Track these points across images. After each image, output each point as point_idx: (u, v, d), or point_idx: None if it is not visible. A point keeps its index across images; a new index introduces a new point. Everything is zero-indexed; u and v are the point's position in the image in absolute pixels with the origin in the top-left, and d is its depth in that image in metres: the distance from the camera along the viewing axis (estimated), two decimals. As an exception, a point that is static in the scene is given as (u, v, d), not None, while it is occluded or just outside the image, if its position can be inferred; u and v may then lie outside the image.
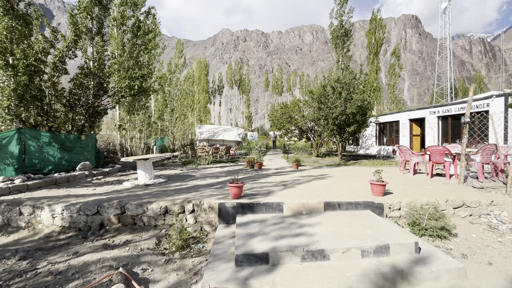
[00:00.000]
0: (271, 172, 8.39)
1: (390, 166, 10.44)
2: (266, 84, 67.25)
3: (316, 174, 7.69)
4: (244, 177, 7.26)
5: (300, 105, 16.17)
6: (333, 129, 12.27)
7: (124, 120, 13.17)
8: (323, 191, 5.05)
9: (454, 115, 12.87)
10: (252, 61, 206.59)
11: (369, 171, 8.27)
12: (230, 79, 63.02)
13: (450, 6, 55.10)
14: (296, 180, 6.46)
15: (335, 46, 18.74)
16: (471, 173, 6.97)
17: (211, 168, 10.09)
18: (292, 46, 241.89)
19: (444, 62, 58.27)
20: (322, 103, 12.33)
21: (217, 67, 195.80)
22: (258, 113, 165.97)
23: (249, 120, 62.57)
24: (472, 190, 5.08)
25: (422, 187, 5.40)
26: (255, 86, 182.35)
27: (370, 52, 29.78)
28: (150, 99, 16.00)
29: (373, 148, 19.03)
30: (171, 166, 11.34)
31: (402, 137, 16.15)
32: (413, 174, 7.16)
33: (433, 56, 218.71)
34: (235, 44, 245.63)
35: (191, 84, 35.92)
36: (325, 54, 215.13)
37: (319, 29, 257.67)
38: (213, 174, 8.13)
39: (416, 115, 15.14)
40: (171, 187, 5.91)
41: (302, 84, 69.85)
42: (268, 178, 6.92)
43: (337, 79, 12.09)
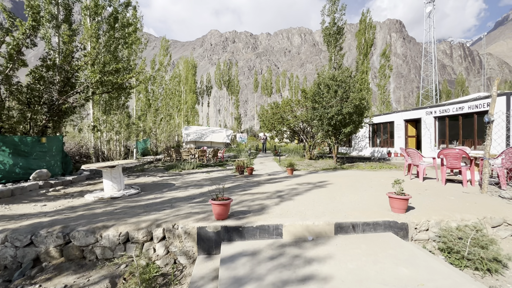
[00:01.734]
0: (263, 178, 7.42)
1: (389, 169, 9.71)
2: (255, 85, 66.45)
3: (314, 181, 6.79)
4: (232, 185, 6.25)
5: (292, 105, 15.33)
6: (328, 130, 11.46)
7: (99, 120, 11.85)
8: (329, 206, 4.12)
9: (452, 115, 12.37)
10: (241, 62, 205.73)
11: (371, 177, 7.46)
12: (219, 79, 61.83)
13: (434, 10, 56.19)
14: (294, 190, 5.52)
15: (328, 44, 18.10)
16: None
17: (195, 174, 9.01)
18: (281, 48, 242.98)
19: (428, 65, 59.48)
20: (317, 102, 11.50)
21: (205, 68, 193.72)
22: (248, 114, 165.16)
23: (238, 121, 61.58)
24: (503, 202, 4.29)
25: (443, 198, 4.58)
26: (244, 88, 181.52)
27: (360, 53, 29.48)
28: (131, 98, 14.70)
29: (367, 149, 18.45)
30: (151, 172, 10.16)
31: (397, 138, 15.61)
32: (422, 180, 6.38)
33: (417, 60, 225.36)
34: (224, 46, 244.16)
35: (178, 84, 34.53)
36: (313, 56, 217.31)
37: (307, 31, 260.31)
38: (197, 181, 7.07)
39: (412, 115, 14.61)
40: (142, 201, 4.82)
41: (291, 85, 69.51)
42: (260, 187, 5.94)
43: (332, 76, 11.30)
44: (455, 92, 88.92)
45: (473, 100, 11.36)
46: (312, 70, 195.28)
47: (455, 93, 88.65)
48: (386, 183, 6.34)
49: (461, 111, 11.84)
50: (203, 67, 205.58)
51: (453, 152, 5.52)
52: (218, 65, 62.43)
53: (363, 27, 29.88)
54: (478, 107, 11.10)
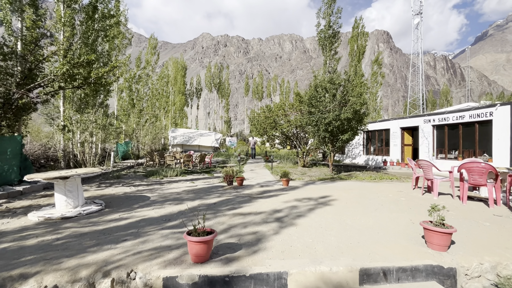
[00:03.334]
0: (256, 191, 6.44)
1: (391, 181, 8.96)
2: (246, 88, 65.79)
3: (314, 195, 5.87)
4: (219, 201, 5.23)
5: (286, 109, 14.50)
6: (324, 137, 10.65)
7: (71, 119, 10.54)
8: (342, 235, 3.20)
9: (452, 124, 11.87)
10: (232, 66, 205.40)
11: (375, 190, 6.63)
12: (209, 82, 60.75)
13: (422, 22, 57.57)
14: (294, 209, 4.57)
15: (322, 47, 17.53)
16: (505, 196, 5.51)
17: (178, 183, 7.91)
18: (272, 53, 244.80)
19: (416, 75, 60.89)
20: (313, 106, 10.69)
21: (196, 70, 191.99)
22: (238, 118, 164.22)
23: (228, 125, 60.57)
24: (551, 230, 3.51)
25: (477, 225, 3.75)
26: (235, 92, 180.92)
27: (352, 60, 29.34)
28: (110, 97, 13.43)
29: (360, 157, 17.84)
30: (128, 179, 8.97)
31: (393, 147, 15.05)
32: (437, 197, 5.59)
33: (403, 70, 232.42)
34: (216, 49, 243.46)
35: (166, 84, 33.18)
36: (304, 63, 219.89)
37: (298, 38, 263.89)
38: (178, 194, 5.99)
39: (409, 123, 14.09)
40: (101, 223, 3.73)
41: (282, 91, 69.26)
42: (253, 204, 4.95)
43: (330, 79, 10.55)
44: (439, 102, 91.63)
45: (475, 109, 10.88)
46: (303, 76, 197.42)
47: (439, 103, 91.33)
48: (396, 199, 5.51)
49: (462, 120, 11.35)
50: (194, 69, 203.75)
51: (478, 166, 4.75)
52: (209, 67, 61.47)
53: (356, 34, 29.81)
54: (480, 116, 10.62)
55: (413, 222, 3.80)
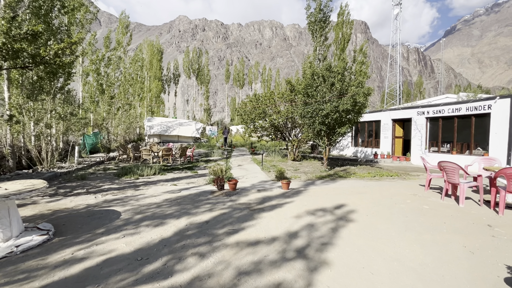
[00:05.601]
0: (254, 198, 5.37)
1: (392, 179, 8.32)
2: (226, 75, 63.38)
3: (326, 204, 4.92)
4: (211, 217, 4.09)
5: (275, 98, 13.38)
6: (320, 130, 9.75)
7: (20, 108, 8.62)
8: (402, 285, 2.25)
9: (447, 116, 11.50)
10: (211, 52, 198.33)
11: (385, 194, 5.84)
12: (187, 67, 57.58)
13: (401, 13, 58.20)
14: (312, 230, 3.56)
15: (312, 32, 16.42)
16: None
17: (156, 186, 6.61)
18: (252, 40, 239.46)
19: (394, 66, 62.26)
20: (309, 96, 9.69)
21: (173, 55, 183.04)
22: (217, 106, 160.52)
23: (208, 113, 58.40)
24: None
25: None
26: (214, 78, 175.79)
27: (337, 48, 28.61)
28: (73, 81, 11.41)
29: (349, 149, 17.38)
30: (95, 180, 7.49)
31: (384, 139, 14.62)
32: (462, 205, 4.89)
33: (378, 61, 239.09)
34: (193, 33, 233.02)
35: (140, 69, 30.42)
36: (284, 51, 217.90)
37: (278, 25, 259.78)
38: (158, 206, 4.75)
39: (401, 115, 13.63)
40: (38, 275, 2.47)
41: (263, 78, 67.77)
42: (257, 223, 3.88)
43: (328, 66, 9.55)
44: (413, 93, 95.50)
45: (473, 101, 10.51)
46: (283, 64, 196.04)
47: (413, 93, 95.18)
48: (419, 207, 4.74)
49: (458, 113, 10.98)
50: (171, 54, 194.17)
51: (523, 172, 4.03)
52: (187, 52, 58.13)
53: (341, 21, 28.92)
54: (478, 109, 10.27)
55: (471, 251, 2.96)
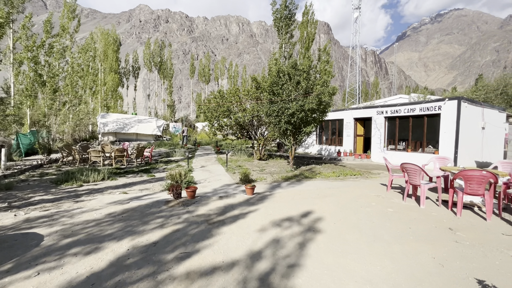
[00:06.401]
0: (215, 207, 4.84)
1: (356, 178, 8.42)
2: (191, 70, 60.96)
3: (292, 211, 4.60)
4: (162, 236, 3.47)
5: (241, 95, 12.88)
6: (286, 129, 9.52)
7: None
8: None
9: (403, 116, 12.13)
10: (175, 45, 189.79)
11: (350, 195, 5.76)
12: (149, 60, 54.04)
13: (360, 16, 61.50)
14: (278, 247, 3.16)
15: (278, 29, 16.20)
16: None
17: (103, 195, 5.69)
18: (218, 35, 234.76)
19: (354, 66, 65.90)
20: (275, 94, 9.37)
21: (133, 47, 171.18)
22: (182, 102, 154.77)
23: (172, 109, 55.67)
24: None
25: (505, 255, 2.99)
26: (179, 73, 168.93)
27: (302, 46, 29.09)
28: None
29: (313, 147, 17.65)
30: (25, 190, 6.26)
31: (346, 137, 15.06)
32: (424, 206, 4.94)
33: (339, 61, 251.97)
34: (156, 24, 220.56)
35: (92, 59, 27.46)
36: (251, 47, 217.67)
37: (245, 21, 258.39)
38: (96, 224, 3.96)
39: (362, 114, 14.12)
40: None
41: (230, 74, 66.68)
42: (215, 241, 3.37)
43: (294, 64, 9.32)
44: (371, 93, 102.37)
45: (426, 103, 11.18)
46: (250, 61, 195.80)
47: (371, 93, 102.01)
48: (384, 211, 4.67)
49: (413, 113, 11.63)
50: (130, 45, 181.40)
51: (479, 175, 4.12)
52: (148, 44, 54.52)
53: (306, 20, 29.45)
54: (430, 109, 10.96)
55: (441, 264, 2.82)
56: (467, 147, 10.41)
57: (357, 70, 64.16)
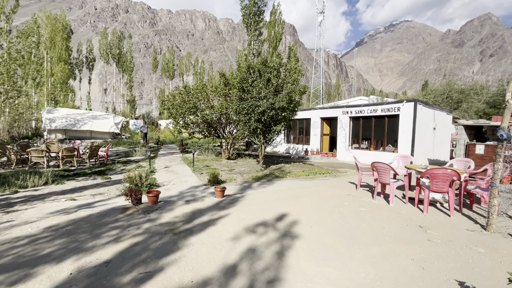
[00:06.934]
0: (181, 214, 4.34)
1: (325, 177, 8.50)
2: (154, 65, 57.65)
3: (266, 215, 4.32)
4: (116, 253, 2.91)
5: (208, 92, 12.29)
6: (256, 128, 9.26)
7: None
8: None
9: (366, 116, 12.70)
10: (136, 37, 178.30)
11: (322, 195, 5.71)
12: (106, 52, 49.69)
13: (324, 20, 64.05)
14: (254, 259, 2.84)
15: (247, 26, 15.87)
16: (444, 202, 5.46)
17: (44, 203, 4.79)
18: (184, 29, 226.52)
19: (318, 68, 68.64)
20: (245, 91, 9.04)
21: (87, 36, 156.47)
22: (144, 98, 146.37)
23: (132, 105, 52.09)
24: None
25: (470, 251, 3.06)
26: (140, 67, 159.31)
27: (270, 45, 29.25)
28: None
29: (282, 146, 17.74)
30: None
31: (313, 136, 15.36)
32: (392, 204, 5.05)
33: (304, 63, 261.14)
34: (114, 14, 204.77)
35: (36, 46, 24.16)
36: (217, 44, 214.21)
37: (211, 18, 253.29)
38: (31, 240, 3.21)
39: (329, 114, 14.51)
40: None
41: (196, 71, 64.64)
42: (182, 255, 2.93)
43: (264, 61, 9.08)
44: (333, 94, 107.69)
45: (387, 104, 11.83)
46: (216, 58, 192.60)
47: (333, 94, 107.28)
48: (357, 210, 4.64)
49: (375, 113, 12.24)
50: (84, 34, 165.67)
51: (444, 173, 4.28)
52: (104, 33, 50.09)
53: (274, 19, 29.68)
54: (390, 110, 11.61)
55: (421, 266, 2.76)
56: (421, 146, 11.24)
57: (321, 72, 66.74)
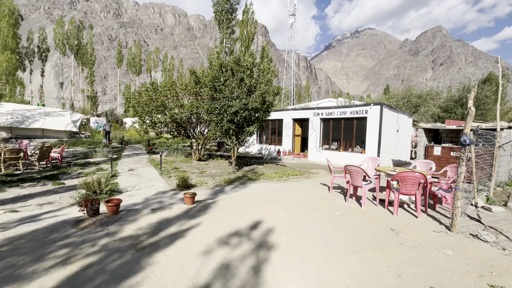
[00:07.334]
0: (145, 225, 3.91)
1: (297, 179, 8.51)
2: (119, 59, 54.05)
3: (240, 223, 4.08)
4: (59, 283, 2.46)
5: (177, 90, 11.67)
6: (229, 129, 8.97)
7: None
8: None
9: (336, 118, 13.07)
10: (99, 28, 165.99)
11: (296, 198, 5.65)
12: (62, 42, 45.33)
13: (295, 22, 65.41)
14: (228, 277, 2.59)
15: (219, 23, 15.42)
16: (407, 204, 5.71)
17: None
18: (152, 23, 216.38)
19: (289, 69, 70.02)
20: (217, 90, 8.68)
21: (41, 24, 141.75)
22: (108, 94, 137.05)
23: (94, 101, 48.40)
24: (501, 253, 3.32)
25: (440, 254, 3.15)
26: (103, 60, 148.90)
27: (242, 45, 29.08)
28: None
29: (254, 146, 17.61)
30: None
31: (285, 137, 15.46)
32: (365, 206, 5.13)
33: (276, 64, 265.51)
34: (73, 1, 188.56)
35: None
36: (188, 41, 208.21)
37: (182, 13, 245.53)
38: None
39: (301, 115, 14.70)
40: None
41: (165, 67, 62.05)
42: (144, 279, 2.56)
43: (237, 60, 8.81)
44: (303, 95, 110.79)
45: (355, 106, 12.27)
46: (187, 55, 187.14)
47: (303, 96, 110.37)
48: (331, 214, 4.62)
49: (344, 116, 12.64)
50: (37, 21, 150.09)
51: (413, 176, 4.42)
52: (60, 21, 45.67)
53: (246, 18, 29.56)
54: (359, 113, 12.07)
55: (398, 274, 2.74)
56: (386, 147, 11.86)
57: (291, 73, 68.01)
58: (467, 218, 4.58)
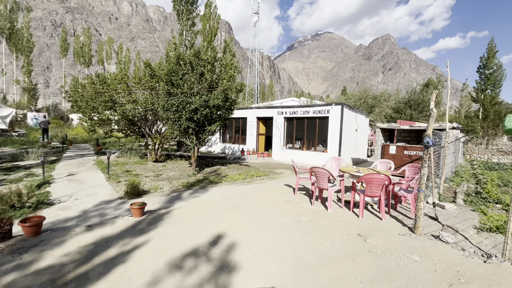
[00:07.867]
0: (75, 248, 3.13)
1: (262, 180, 8.19)
2: (63, 47, 48.18)
3: (198, 239, 3.54)
4: None
5: (130, 83, 10.49)
6: (188, 127, 8.25)
7: None
8: None
9: (299, 117, 13.10)
10: (39, 12, 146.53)
11: (263, 202, 5.29)
12: (-11, 23, 38.63)
13: (259, 21, 65.71)
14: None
15: (178, 13, 14.34)
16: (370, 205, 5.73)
17: None
18: (105, 11, 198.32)
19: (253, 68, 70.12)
20: (174, 85, 7.90)
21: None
22: (52, 86, 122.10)
23: (32, 94, 42.49)
24: (458, 252, 3.33)
25: (409, 261, 3.03)
26: (45, 49, 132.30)
27: (205, 39, 28.09)
28: None
29: (217, 145, 16.93)
30: None
31: (250, 136, 15.11)
32: (331, 209, 4.96)
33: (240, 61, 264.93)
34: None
35: None
36: (147, 33, 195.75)
37: (140, 3, 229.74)
38: None
39: (265, 113, 14.46)
40: None
41: (120, 59, 57.19)
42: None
43: (197, 53, 8.11)
44: (267, 94, 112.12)
45: (318, 106, 12.41)
46: (145, 48, 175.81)
47: (267, 94, 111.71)
48: (297, 220, 4.34)
49: (307, 115, 12.71)
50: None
51: (378, 178, 4.34)
52: (-13, -1, 38.87)
53: (208, 12, 28.58)
54: (321, 112, 12.21)
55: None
56: (347, 146, 12.23)
57: (255, 72, 68.12)
58: (426, 217, 4.68)
